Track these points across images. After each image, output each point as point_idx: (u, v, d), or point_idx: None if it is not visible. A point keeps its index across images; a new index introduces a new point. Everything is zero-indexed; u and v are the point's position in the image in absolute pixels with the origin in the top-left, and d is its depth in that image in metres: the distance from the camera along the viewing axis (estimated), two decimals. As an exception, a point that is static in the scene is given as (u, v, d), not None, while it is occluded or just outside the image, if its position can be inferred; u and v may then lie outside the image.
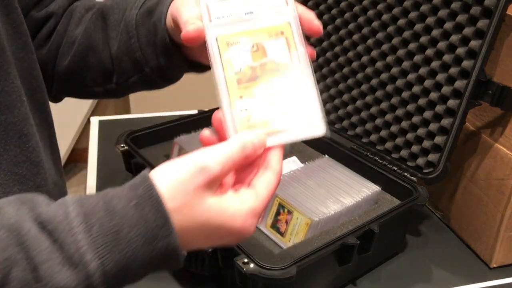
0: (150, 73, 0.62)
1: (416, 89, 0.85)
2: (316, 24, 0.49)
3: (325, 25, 0.99)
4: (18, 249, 0.35)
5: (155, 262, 0.40)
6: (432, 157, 0.83)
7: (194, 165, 0.42)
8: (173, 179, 0.41)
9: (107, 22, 0.64)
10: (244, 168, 0.46)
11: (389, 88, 0.89)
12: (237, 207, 0.43)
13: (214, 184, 0.42)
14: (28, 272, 0.35)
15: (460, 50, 0.78)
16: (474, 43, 0.76)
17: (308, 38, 0.88)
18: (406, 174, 0.86)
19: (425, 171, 0.84)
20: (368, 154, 0.92)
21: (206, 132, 0.46)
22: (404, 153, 0.88)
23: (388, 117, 0.90)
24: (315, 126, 0.47)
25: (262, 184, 0.45)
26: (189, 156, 0.43)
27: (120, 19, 0.62)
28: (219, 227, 0.42)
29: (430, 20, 0.82)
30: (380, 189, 0.85)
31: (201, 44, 0.48)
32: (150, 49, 0.60)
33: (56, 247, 0.36)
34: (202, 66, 0.62)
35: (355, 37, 0.94)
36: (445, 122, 0.81)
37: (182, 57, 0.60)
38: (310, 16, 0.49)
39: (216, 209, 0.42)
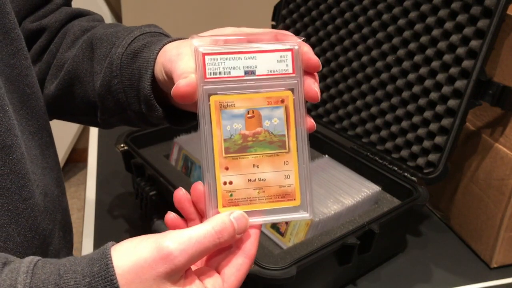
0: (133, 116, 0.58)
1: (416, 89, 0.85)
2: (314, 90, 0.44)
3: (325, 24, 0.99)
4: None
5: None
6: (432, 157, 0.83)
7: (158, 250, 0.38)
8: (133, 261, 0.38)
9: (94, 54, 0.60)
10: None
11: (389, 88, 0.89)
12: None
13: (177, 274, 0.39)
14: None
15: (461, 50, 0.78)
16: (474, 43, 0.76)
17: (309, 36, 0.87)
18: (406, 174, 0.86)
19: (425, 171, 0.84)
20: (368, 154, 0.92)
21: (170, 216, 0.44)
22: (404, 153, 0.87)
23: (388, 117, 0.90)
24: (301, 209, 0.43)
25: (231, 269, 0.42)
26: (155, 236, 0.40)
27: (106, 54, 0.58)
28: None
29: (430, 20, 0.82)
30: (380, 189, 0.85)
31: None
32: (133, 93, 0.56)
33: None
34: (186, 119, 0.58)
35: (355, 37, 0.93)
36: (446, 122, 0.80)
37: (165, 110, 0.55)
38: (310, 81, 0.44)
39: None
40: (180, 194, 0.44)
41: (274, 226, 0.79)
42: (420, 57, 0.84)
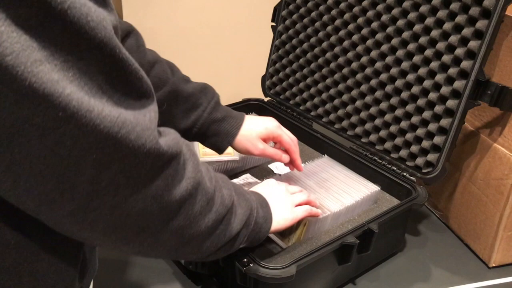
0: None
1: (415, 89, 0.85)
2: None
3: (324, 26, 0.99)
4: (236, 196, 0.61)
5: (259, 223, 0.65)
6: (431, 157, 0.83)
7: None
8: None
9: (178, 106, 0.79)
10: None
11: (389, 88, 0.90)
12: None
13: None
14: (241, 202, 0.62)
15: (459, 51, 0.78)
16: (473, 44, 0.76)
17: (309, 37, 0.93)
18: (405, 174, 0.86)
19: (424, 171, 0.84)
20: (368, 154, 0.92)
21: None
22: (403, 153, 0.88)
23: (388, 117, 0.90)
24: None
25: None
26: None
27: (188, 111, 0.80)
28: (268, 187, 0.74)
29: (429, 20, 0.82)
30: (379, 188, 0.85)
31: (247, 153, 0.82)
32: (211, 139, 0.82)
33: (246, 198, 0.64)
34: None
35: (355, 37, 0.94)
36: (444, 122, 0.81)
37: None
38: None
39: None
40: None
41: (274, 225, 0.79)
42: (419, 57, 0.84)
